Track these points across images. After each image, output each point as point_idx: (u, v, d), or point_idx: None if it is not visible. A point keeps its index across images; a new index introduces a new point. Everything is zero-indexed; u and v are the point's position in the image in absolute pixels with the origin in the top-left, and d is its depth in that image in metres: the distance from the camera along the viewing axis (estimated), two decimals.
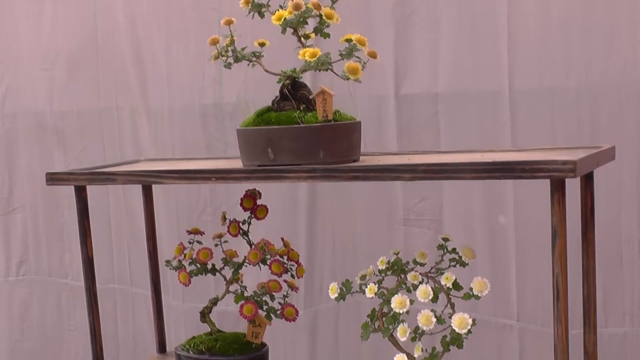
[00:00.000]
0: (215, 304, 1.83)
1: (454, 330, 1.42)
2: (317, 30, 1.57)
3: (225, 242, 1.80)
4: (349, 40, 1.53)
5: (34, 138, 2.84)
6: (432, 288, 1.46)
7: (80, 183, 1.68)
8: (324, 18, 1.55)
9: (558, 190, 1.28)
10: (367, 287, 1.52)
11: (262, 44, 1.61)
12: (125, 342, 2.78)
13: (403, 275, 1.53)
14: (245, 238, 1.78)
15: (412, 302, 1.45)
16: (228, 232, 1.77)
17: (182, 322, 2.58)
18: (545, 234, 1.31)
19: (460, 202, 2.20)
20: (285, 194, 2.41)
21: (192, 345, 1.77)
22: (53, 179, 1.71)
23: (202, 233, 1.83)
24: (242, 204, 1.78)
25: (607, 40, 1.97)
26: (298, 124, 1.49)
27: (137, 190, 2.02)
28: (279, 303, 1.75)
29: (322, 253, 2.41)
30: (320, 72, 1.54)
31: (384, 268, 1.55)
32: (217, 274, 1.80)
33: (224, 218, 1.79)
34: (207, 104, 2.51)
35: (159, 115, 2.60)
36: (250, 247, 1.75)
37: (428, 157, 1.57)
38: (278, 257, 1.74)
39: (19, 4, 2.79)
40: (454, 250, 1.55)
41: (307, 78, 2.03)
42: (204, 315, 1.83)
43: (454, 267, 1.53)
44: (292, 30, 1.56)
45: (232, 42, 1.58)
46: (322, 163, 1.47)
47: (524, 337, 2.16)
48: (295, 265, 1.76)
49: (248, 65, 1.61)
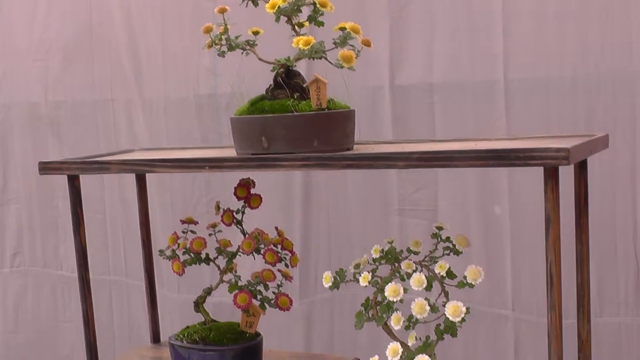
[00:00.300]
0: (209, 294, 1.83)
1: (448, 319, 1.42)
2: (311, 19, 1.56)
3: (219, 231, 1.79)
4: (343, 29, 1.52)
5: (28, 129, 2.83)
6: (426, 276, 1.46)
7: (73, 172, 1.68)
8: (318, 6, 1.54)
9: (551, 178, 1.27)
10: (361, 275, 1.52)
11: (255, 33, 1.61)
12: (121, 333, 2.78)
13: (397, 264, 1.53)
14: (239, 227, 1.77)
15: (405, 290, 1.45)
16: (222, 221, 1.77)
17: (177, 313, 2.58)
18: (541, 224, 1.31)
19: (456, 192, 2.20)
20: (281, 185, 2.41)
21: (185, 335, 1.77)
22: (46, 168, 1.70)
23: (195, 223, 1.82)
24: (235, 193, 1.77)
25: (602, 31, 1.97)
26: (292, 113, 1.49)
27: (132, 183, 2.01)
28: (273, 292, 1.75)
29: (317, 244, 2.41)
30: (314, 60, 1.54)
31: (378, 257, 1.55)
32: (210, 264, 1.80)
33: (218, 207, 1.79)
34: (202, 95, 2.51)
35: (154, 106, 2.59)
36: (244, 236, 1.75)
37: (422, 145, 1.57)
38: (272, 246, 1.73)
39: None
40: (448, 239, 1.55)
41: (302, 67, 2.03)
42: (198, 305, 1.82)
43: (448, 255, 1.53)
44: (286, 19, 1.56)
45: (225, 30, 1.58)
46: (316, 151, 1.46)
47: (519, 327, 2.16)
48: (289, 255, 1.75)
49: (242, 54, 1.60)
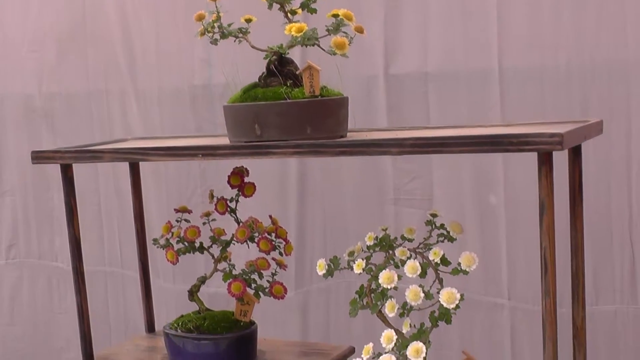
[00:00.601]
0: (204, 283, 1.82)
1: (442, 306, 1.41)
2: (303, 6, 1.55)
3: (213, 220, 1.79)
4: (336, 16, 1.52)
5: (23, 121, 2.83)
6: (420, 264, 1.46)
7: (66, 161, 1.67)
8: None
9: (545, 164, 1.27)
10: (355, 263, 1.51)
11: (248, 20, 1.60)
12: (117, 325, 2.78)
13: (391, 251, 1.53)
14: (233, 216, 1.77)
15: (399, 277, 1.45)
16: (215, 209, 1.76)
17: (173, 304, 2.58)
18: (536, 213, 1.31)
19: (451, 181, 2.20)
20: (276, 176, 2.41)
21: (180, 324, 1.76)
22: (38, 158, 1.69)
23: (189, 211, 1.81)
24: (229, 182, 1.77)
25: (596, 18, 1.96)
26: (285, 100, 1.48)
27: (127, 174, 2.00)
28: (268, 281, 1.75)
29: (312, 234, 2.41)
30: (307, 47, 1.53)
31: (372, 244, 1.54)
32: (205, 253, 1.79)
33: (212, 196, 1.78)
34: (196, 86, 2.50)
35: (148, 97, 2.59)
36: (238, 225, 1.74)
37: (416, 132, 1.56)
38: (266, 234, 1.73)
39: None
40: (442, 226, 1.54)
41: (296, 55, 2.02)
42: (192, 294, 1.82)
43: (442, 242, 1.53)
44: (278, 6, 1.55)
45: (218, 18, 1.57)
46: (309, 139, 1.46)
47: (515, 316, 2.16)
48: (284, 243, 1.75)
49: (235, 42, 1.60)
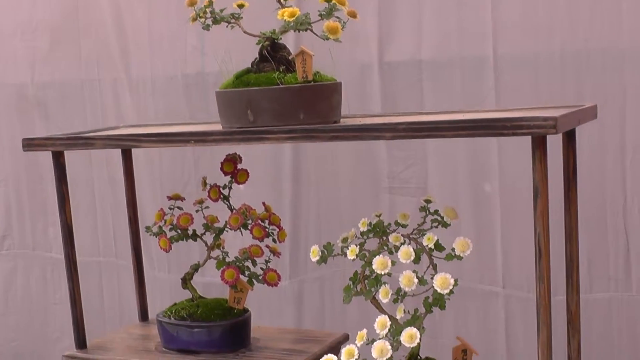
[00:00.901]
0: (197, 270, 1.82)
1: (437, 291, 1.41)
2: None
3: (206, 207, 1.78)
4: (329, 0, 1.51)
5: (15, 110, 2.81)
6: (414, 249, 1.45)
7: (58, 148, 1.66)
8: None
9: (539, 148, 1.26)
10: (348, 249, 1.51)
11: (241, 6, 1.59)
12: (112, 315, 2.78)
13: (385, 237, 1.52)
14: (226, 203, 1.76)
15: (393, 263, 1.44)
16: (208, 196, 1.76)
17: (167, 293, 2.57)
18: (530, 202, 1.30)
19: (446, 169, 2.19)
20: (270, 164, 2.40)
21: (173, 312, 1.76)
22: (30, 145, 1.68)
23: (182, 199, 1.81)
24: (222, 168, 1.76)
25: (591, 5, 1.95)
26: (278, 85, 1.47)
27: (120, 164, 2.00)
28: (261, 268, 1.74)
29: (306, 223, 2.40)
30: (300, 32, 1.53)
31: (366, 230, 1.54)
32: (198, 240, 1.78)
33: (205, 183, 1.77)
34: (189, 74, 2.49)
35: (142, 86, 2.57)
36: (231, 212, 1.73)
37: (410, 117, 1.56)
38: (259, 221, 1.72)
39: None
40: (437, 212, 1.54)
41: (289, 41, 2.01)
42: (186, 282, 1.81)
43: (436, 228, 1.52)
44: None
45: (210, 3, 1.56)
46: (302, 124, 1.45)
47: (510, 303, 2.15)
48: (277, 230, 1.74)
49: (227, 27, 1.59)
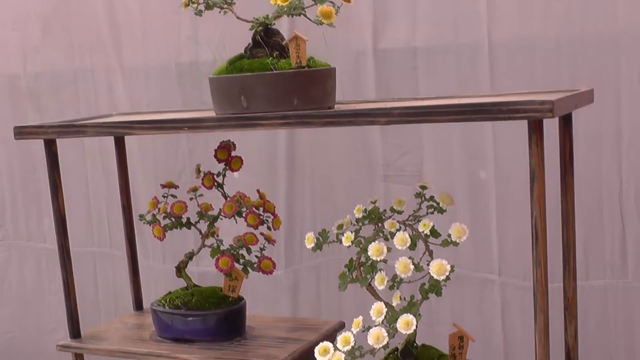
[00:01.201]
0: (191, 258, 1.80)
1: (433, 278, 1.40)
2: None
3: (200, 195, 1.77)
4: None
5: (8, 100, 2.80)
6: (409, 235, 1.44)
7: (49, 136, 1.65)
8: None
9: (536, 132, 1.25)
10: (343, 236, 1.50)
11: None
12: (107, 305, 2.77)
13: (380, 224, 1.51)
14: (220, 190, 1.75)
15: (389, 249, 1.43)
16: (202, 184, 1.74)
17: (162, 283, 2.55)
18: (527, 188, 1.29)
19: (441, 156, 2.18)
20: (265, 153, 2.39)
21: (168, 301, 1.75)
22: (22, 133, 1.67)
23: (176, 187, 1.79)
24: (216, 156, 1.75)
25: None
26: (271, 71, 1.46)
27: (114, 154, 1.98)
28: (256, 256, 1.73)
29: (301, 212, 2.39)
30: (293, 17, 1.51)
31: (361, 217, 1.52)
32: (193, 229, 1.77)
33: (199, 171, 1.76)
34: (183, 63, 2.48)
35: (135, 75, 2.56)
36: (226, 199, 1.72)
37: (404, 103, 1.54)
38: (254, 208, 1.71)
39: None
40: (432, 198, 1.53)
41: (283, 27, 2.00)
42: (180, 270, 1.80)
43: (432, 214, 1.51)
44: None
45: None
46: (296, 110, 1.44)
47: (506, 291, 2.15)
48: (272, 217, 1.73)
49: (220, 12, 1.57)
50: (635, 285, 2.01)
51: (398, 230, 1.46)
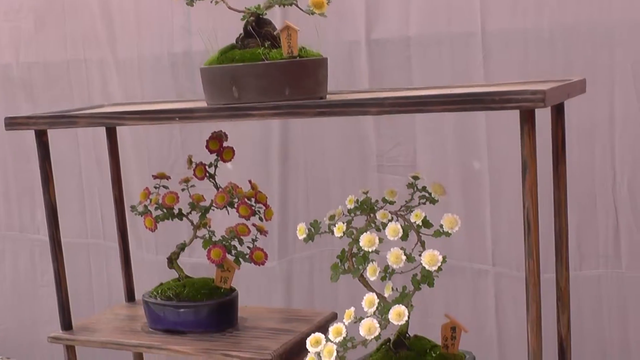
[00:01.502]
0: (183, 250, 1.80)
1: (425, 268, 1.39)
2: None
3: (192, 186, 1.76)
4: None
5: (1, 91, 2.78)
6: (401, 226, 1.43)
7: (40, 127, 1.64)
8: None
9: (528, 122, 1.25)
10: (335, 227, 1.49)
11: None
12: (100, 297, 2.77)
13: (372, 214, 1.50)
14: (212, 181, 1.74)
15: (381, 240, 1.42)
16: (194, 175, 1.74)
17: (155, 275, 2.55)
18: (519, 179, 1.29)
19: (434, 147, 2.18)
20: (257, 144, 2.38)
21: (159, 292, 1.74)
22: (12, 124, 1.66)
23: (168, 178, 1.79)
24: (207, 146, 1.74)
25: None
26: (263, 61, 1.45)
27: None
28: (248, 247, 1.72)
29: (295, 203, 2.38)
30: (285, 7, 1.51)
31: (353, 207, 1.52)
32: (185, 221, 1.77)
33: (190, 161, 1.75)
34: (176, 54, 2.47)
35: (128, 66, 2.55)
36: (217, 190, 1.71)
37: (397, 93, 1.54)
38: (245, 199, 1.70)
39: None
40: (424, 189, 1.52)
41: (275, 17, 1.99)
42: (172, 261, 1.79)
43: (424, 204, 1.50)
44: None
45: None
46: (288, 100, 1.43)
47: (499, 282, 2.15)
48: (264, 208, 1.73)
49: (211, 2, 1.56)
50: (629, 275, 2.01)
51: (390, 221, 1.45)
